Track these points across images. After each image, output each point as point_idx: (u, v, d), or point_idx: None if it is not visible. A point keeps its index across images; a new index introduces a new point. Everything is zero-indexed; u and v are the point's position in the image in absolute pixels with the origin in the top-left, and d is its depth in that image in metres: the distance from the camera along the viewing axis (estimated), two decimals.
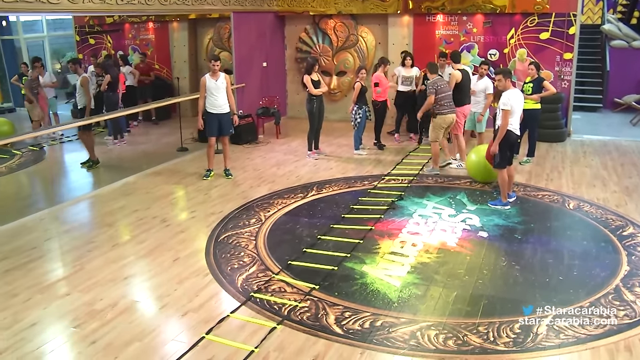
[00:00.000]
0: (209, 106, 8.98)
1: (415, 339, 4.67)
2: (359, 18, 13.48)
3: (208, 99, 8.95)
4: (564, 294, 5.36)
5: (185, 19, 14.76)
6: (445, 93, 9.19)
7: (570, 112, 12.06)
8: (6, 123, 12.79)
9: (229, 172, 9.43)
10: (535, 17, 11.78)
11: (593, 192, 8.35)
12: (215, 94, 8.94)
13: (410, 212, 7.61)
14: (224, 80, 9.02)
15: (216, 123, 9.07)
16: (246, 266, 6.09)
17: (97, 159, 10.41)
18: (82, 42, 16.19)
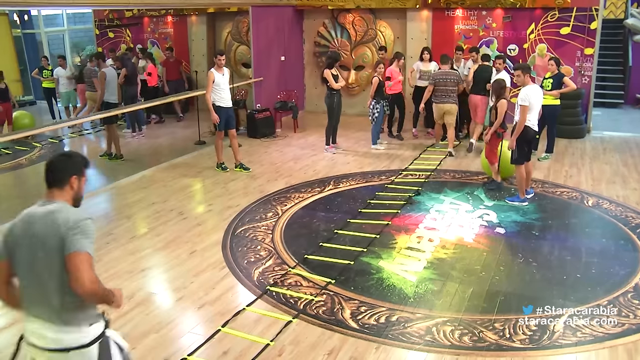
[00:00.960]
0: (218, 100, 9.00)
1: (431, 335, 4.66)
2: (377, 12, 13.41)
3: (216, 94, 8.97)
4: (582, 292, 5.32)
5: (204, 12, 14.80)
6: (442, 86, 10.07)
7: (590, 108, 11.91)
8: (27, 116, 12.93)
9: (245, 166, 9.45)
10: (556, 11, 11.64)
11: (613, 189, 8.26)
12: (223, 87, 9.00)
13: (428, 208, 7.59)
14: (228, 74, 9.12)
15: (224, 117, 9.12)
16: (262, 260, 6.11)
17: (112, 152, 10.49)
18: (101, 35, 16.31)
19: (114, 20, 16.05)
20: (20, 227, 2.87)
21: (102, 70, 10.52)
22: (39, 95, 16.48)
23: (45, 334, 2.82)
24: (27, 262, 2.82)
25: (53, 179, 2.96)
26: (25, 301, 2.89)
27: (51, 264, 2.77)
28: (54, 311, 2.81)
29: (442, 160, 9.76)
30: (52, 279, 2.79)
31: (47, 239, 2.77)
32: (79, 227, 2.80)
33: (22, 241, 2.83)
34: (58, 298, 2.80)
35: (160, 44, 15.60)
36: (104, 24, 16.16)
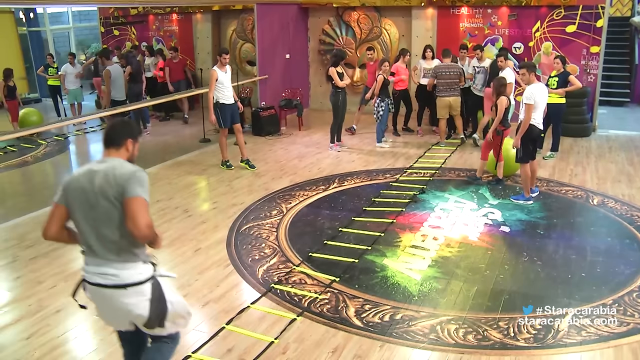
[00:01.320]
0: (222, 98, 9.01)
1: (435, 333, 4.66)
2: (382, 10, 13.39)
3: (220, 92, 8.97)
4: (587, 291, 5.30)
5: (209, 10, 14.81)
6: (444, 79, 10.38)
7: (596, 107, 11.88)
8: (35, 113, 12.98)
9: (251, 163, 9.46)
10: (562, 9, 11.61)
11: (618, 188, 8.24)
12: (226, 85, 9.01)
13: (432, 206, 7.58)
14: (229, 70, 9.16)
15: (229, 114, 9.14)
16: (267, 257, 6.12)
17: None
18: (106, 33, 16.35)
19: (119, 18, 16.09)
20: (80, 179, 3.21)
21: (107, 68, 10.54)
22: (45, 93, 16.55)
23: (106, 272, 3.19)
24: (88, 209, 3.17)
25: (111, 140, 3.34)
26: (85, 244, 3.25)
27: (111, 210, 3.14)
28: (113, 252, 3.19)
29: (447, 159, 9.76)
30: (112, 224, 3.16)
31: (108, 189, 3.12)
32: (135, 177, 3.16)
33: (83, 191, 3.18)
34: (117, 240, 3.18)
35: (166, 41, 15.63)
36: (109, 21, 16.21)
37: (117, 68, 10.65)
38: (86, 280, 3.27)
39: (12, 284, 5.69)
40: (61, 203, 3.26)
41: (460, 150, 10.33)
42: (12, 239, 6.81)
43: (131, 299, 3.23)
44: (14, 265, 6.10)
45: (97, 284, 3.22)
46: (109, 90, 10.49)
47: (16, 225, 7.26)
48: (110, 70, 10.44)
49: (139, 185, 3.14)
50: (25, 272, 5.89)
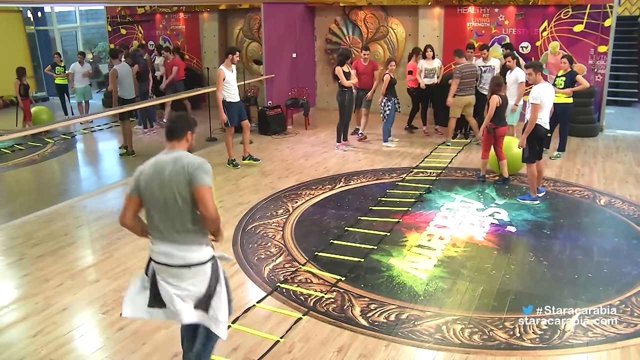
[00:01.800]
0: (229, 97, 9.04)
1: (441, 333, 4.65)
2: (389, 9, 13.38)
3: (227, 90, 9.00)
4: (593, 292, 5.29)
5: (215, 9, 14.82)
6: (466, 79, 10.21)
7: (603, 107, 11.83)
8: (46, 111, 13.05)
9: (254, 157, 9.54)
10: (570, 9, 11.56)
11: (625, 188, 8.21)
12: (233, 84, 9.05)
13: (438, 206, 7.57)
14: (235, 69, 9.22)
15: (236, 112, 9.17)
16: (273, 257, 6.12)
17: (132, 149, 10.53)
18: (113, 32, 16.39)
19: (126, 17, 16.12)
20: (151, 171, 3.55)
21: (114, 67, 10.55)
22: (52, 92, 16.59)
23: (174, 253, 3.52)
24: (159, 197, 3.49)
25: (174, 133, 3.67)
26: (155, 229, 3.58)
27: (181, 197, 3.46)
28: (181, 235, 3.51)
29: (454, 158, 9.74)
30: (181, 210, 3.48)
31: (177, 178, 3.45)
32: (203, 168, 3.51)
33: (154, 181, 3.50)
34: (185, 224, 3.51)
35: (172, 40, 15.66)
36: (116, 20, 16.24)
37: (124, 67, 10.64)
38: (153, 259, 3.61)
39: (19, 282, 5.71)
40: (134, 194, 3.60)
41: (466, 150, 10.31)
42: (19, 237, 6.84)
43: (193, 278, 3.55)
44: (21, 263, 6.13)
45: (164, 264, 3.56)
46: (115, 89, 10.50)
47: (23, 223, 7.29)
48: (117, 70, 10.45)
49: (207, 175, 3.48)
50: (32, 270, 5.92)
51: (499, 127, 8.28)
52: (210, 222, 3.47)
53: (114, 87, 10.46)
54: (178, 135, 3.67)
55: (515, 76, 9.49)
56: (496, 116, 8.21)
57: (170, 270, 3.55)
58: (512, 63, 9.62)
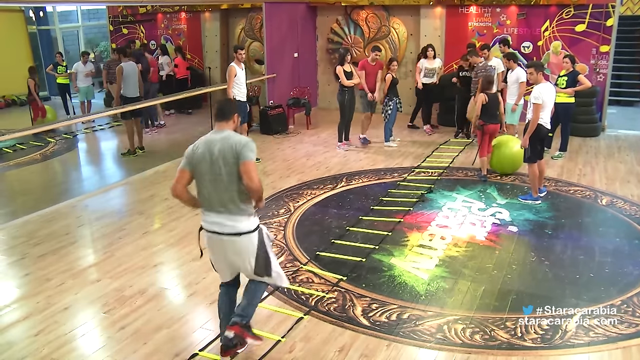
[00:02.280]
0: (238, 95, 9.06)
1: (442, 333, 4.65)
2: (391, 9, 13.38)
3: (237, 88, 9.02)
4: (595, 292, 5.28)
5: (217, 9, 14.83)
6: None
7: (605, 106, 11.82)
8: (50, 110, 13.09)
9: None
10: (572, 8, 11.55)
11: (627, 188, 8.20)
12: (242, 82, 9.06)
13: (440, 205, 7.57)
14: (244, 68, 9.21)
15: (244, 111, 9.20)
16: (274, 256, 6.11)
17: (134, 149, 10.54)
18: (115, 31, 16.40)
19: (127, 16, 16.13)
20: (202, 148, 4.03)
21: (121, 64, 10.50)
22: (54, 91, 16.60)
23: (224, 222, 3.99)
24: (210, 172, 3.97)
25: (224, 115, 4.15)
26: (206, 201, 4.04)
27: (230, 171, 3.93)
28: (230, 206, 3.97)
29: (455, 158, 9.74)
30: (231, 183, 3.94)
31: (226, 154, 3.92)
32: (247, 145, 3.94)
33: (205, 157, 3.98)
34: (234, 196, 3.95)
35: (174, 40, 15.67)
36: (118, 20, 16.25)
37: (131, 65, 10.63)
38: (205, 229, 4.09)
39: (21, 281, 5.72)
40: (185, 168, 4.08)
41: (468, 150, 10.29)
42: (21, 237, 6.84)
43: (242, 243, 4.01)
44: (23, 262, 6.13)
45: (215, 232, 4.03)
46: (119, 86, 10.48)
47: (25, 222, 7.30)
48: (123, 67, 10.43)
49: (251, 151, 3.91)
50: (34, 269, 5.92)
51: (487, 124, 8.43)
52: (254, 192, 3.93)
53: (119, 84, 10.44)
54: (226, 117, 4.14)
55: (516, 76, 9.48)
56: (484, 113, 8.40)
57: (221, 238, 4.03)
58: (509, 63, 9.62)
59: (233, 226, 3.99)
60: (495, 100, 8.54)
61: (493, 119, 8.51)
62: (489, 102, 8.35)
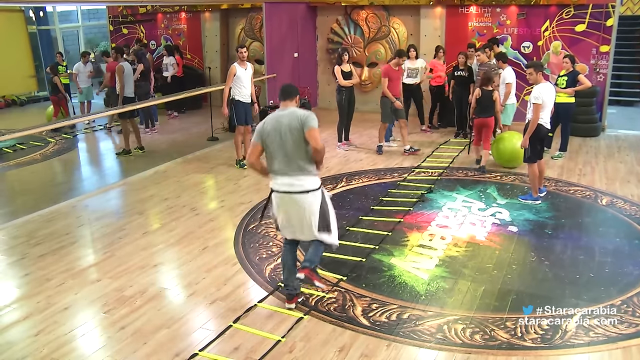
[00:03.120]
0: (238, 95, 9.02)
1: (442, 333, 4.65)
2: (391, 9, 13.38)
3: (237, 89, 8.99)
4: (595, 292, 5.28)
5: (217, 9, 14.84)
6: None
7: (605, 106, 11.82)
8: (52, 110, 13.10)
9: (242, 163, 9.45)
10: (572, 8, 11.55)
11: (627, 188, 8.20)
12: (244, 83, 9.01)
13: (440, 205, 7.57)
14: (251, 70, 9.14)
15: (243, 112, 9.13)
16: (274, 256, 6.12)
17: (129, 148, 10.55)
18: (115, 31, 16.41)
19: (128, 16, 16.14)
20: (272, 123, 4.79)
21: (120, 64, 10.49)
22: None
23: (294, 182, 4.74)
24: (279, 142, 4.73)
25: (288, 95, 4.94)
26: (277, 166, 4.78)
27: (297, 139, 4.70)
28: (298, 168, 4.73)
29: (455, 158, 9.74)
30: (298, 149, 4.71)
31: (294, 125, 4.71)
32: (311, 116, 4.76)
33: (274, 131, 4.75)
34: (301, 159, 4.72)
35: (174, 40, 15.67)
36: (118, 20, 16.26)
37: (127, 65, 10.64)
38: (277, 190, 4.81)
39: (21, 281, 5.72)
40: (257, 141, 4.84)
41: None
42: (21, 237, 6.84)
43: (309, 199, 4.75)
44: (23, 262, 6.13)
45: (286, 192, 4.76)
46: (122, 86, 10.45)
47: (25, 222, 7.30)
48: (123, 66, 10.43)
49: (315, 121, 4.74)
50: (34, 269, 5.92)
51: (477, 118, 9.00)
52: (319, 153, 4.72)
53: (121, 84, 10.42)
54: (290, 96, 4.93)
55: (503, 76, 9.51)
56: (476, 107, 8.97)
57: (292, 197, 4.75)
58: (500, 63, 9.67)
59: (301, 185, 4.73)
60: (488, 96, 8.87)
61: (482, 114, 8.95)
62: (481, 97, 8.84)
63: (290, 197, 4.77)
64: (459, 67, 10.82)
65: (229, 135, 11.66)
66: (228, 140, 11.31)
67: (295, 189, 4.74)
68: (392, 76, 9.86)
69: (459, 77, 10.80)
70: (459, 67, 10.82)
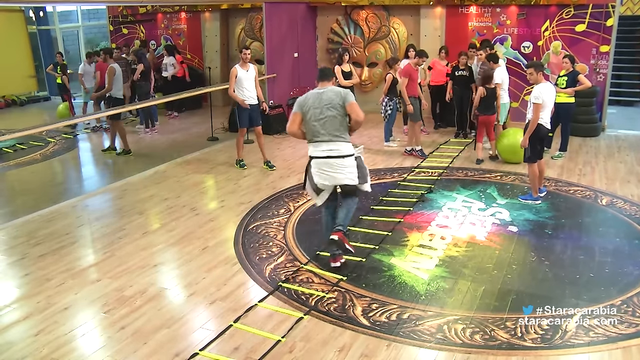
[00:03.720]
0: (241, 97, 9.01)
1: (442, 333, 4.65)
2: (391, 9, 13.38)
3: (239, 90, 8.99)
4: (595, 292, 5.28)
5: (217, 9, 14.84)
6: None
7: (605, 106, 11.82)
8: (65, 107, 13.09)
9: (271, 164, 9.46)
10: (572, 8, 11.55)
11: (627, 188, 8.20)
12: (245, 85, 9.00)
13: (440, 205, 7.57)
14: (253, 70, 9.12)
15: (247, 114, 9.11)
16: (274, 256, 6.12)
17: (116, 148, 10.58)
18: (115, 31, 16.41)
19: (127, 16, 16.14)
20: (312, 98, 5.63)
21: (111, 65, 10.50)
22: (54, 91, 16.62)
23: (332, 148, 5.53)
24: (320, 114, 5.54)
25: (326, 76, 5.86)
26: (317, 134, 5.57)
27: (336, 112, 5.52)
28: (336, 136, 5.53)
29: (455, 158, 9.74)
30: (336, 120, 5.52)
31: (334, 99, 5.54)
32: (349, 93, 5.62)
33: (315, 103, 5.58)
34: (338, 129, 5.53)
35: (174, 40, 15.67)
36: (118, 20, 16.26)
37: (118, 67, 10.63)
38: (318, 156, 5.58)
39: (21, 281, 5.72)
40: (298, 112, 5.66)
41: (468, 150, 10.30)
42: (21, 236, 6.84)
43: (346, 162, 5.55)
44: (23, 262, 6.13)
45: (327, 157, 5.53)
46: (110, 86, 10.45)
47: (25, 222, 7.30)
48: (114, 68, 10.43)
49: (352, 97, 5.59)
50: (34, 269, 5.92)
51: (481, 115, 9.37)
52: (359, 123, 5.57)
53: (110, 84, 10.42)
54: (327, 77, 5.85)
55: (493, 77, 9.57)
56: (480, 105, 9.33)
57: (330, 160, 5.53)
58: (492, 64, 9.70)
59: (339, 150, 5.52)
60: (493, 94, 9.30)
61: (486, 111, 9.35)
62: (486, 95, 9.24)
63: (328, 161, 5.54)
64: (459, 67, 10.82)
65: (229, 135, 11.67)
66: (228, 140, 11.32)
67: (334, 153, 5.52)
68: (413, 76, 9.78)
69: (460, 77, 10.81)
70: (459, 67, 10.82)
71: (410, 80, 9.73)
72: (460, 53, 10.87)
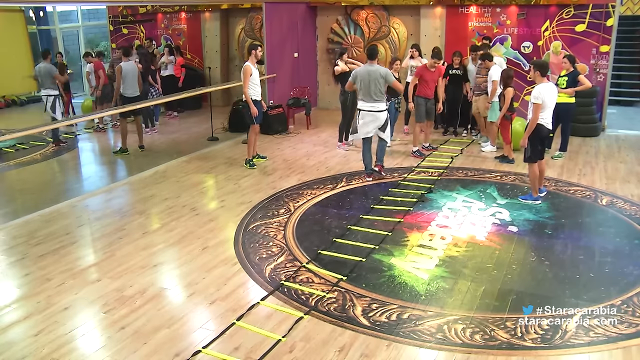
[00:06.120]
0: (254, 94, 9.05)
1: (442, 333, 4.65)
2: (391, 9, 13.38)
3: (252, 88, 9.01)
4: (595, 292, 5.28)
5: (217, 9, 14.84)
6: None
7: (605, 106, 11.81)
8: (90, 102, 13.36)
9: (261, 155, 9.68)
10: (572, 8, 11.55)
11: (627, 188, 8.20)
12: (257, 82, 9.09)
13: (440, 205, 7.57)
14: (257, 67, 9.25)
15: (260, 111, 9.27)
16: (274, 256, 6.13)
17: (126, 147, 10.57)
18: (115, 31, 16.40)
19: (127, 16, 16.13)
20: (363, 71, 8.24)
21: (119, 64, 10.58)
22: None
23: (374, 105, 8.27)
24: (368, 83, 8.15)
25: (373, 55, 8.33)
26: (365, 95, 8.27)
27: (378, 84, 8.15)
28: (376, 97, 8.24)
29: (455, 158, 9.74)
30: (377, 87, 8.17)
31: (378, 76, 8.14)
32: (389, 73, 8.27)
33: (365, 74, 8.19)
34: (378, 93, 8.22)
35: (174, 40, 15.67)
36: (118, 20, 16.25)
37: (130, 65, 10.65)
38: (364, 109, 8.34)
39: (21, 281, 5.72)
40: (353, 80, 8.34)
41: (468, 150, 10.30)
42: (21, 236, 6.85)
43: (381, 116, 8.33)
44: (23, 262, 6.13)
45: (370, 111, 8.28)
46: (119, 85, 10.54)
47: (25, 222, 7.30)
48: (122, 67, 10.47)
49: (392, 77, 8.24)
50: (34, 269, 5.93)
51: (513, 113, 9.49)
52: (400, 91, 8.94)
53: (118, 83, 10.51)
54: (374, 57, 8.31)
55: (490, 74, 9.61)
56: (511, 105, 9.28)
57: (371, 114, 8.28)
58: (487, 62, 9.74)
59: (377, 106, 8.26)
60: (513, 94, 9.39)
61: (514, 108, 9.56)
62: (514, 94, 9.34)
63: (372, 113, 8.28)
64: (453, 65, 10.84)
65: (229, 135, 11.68)
66: (228, 140, 11.33)
67: (374, 109, 8.24)
68: (426, 77, 9.73)
69: (453, 76, 10.84)
70: (453, 66, 10.84)
71: (422, 81, 9.72)
72: (455, 53, 10.89)
